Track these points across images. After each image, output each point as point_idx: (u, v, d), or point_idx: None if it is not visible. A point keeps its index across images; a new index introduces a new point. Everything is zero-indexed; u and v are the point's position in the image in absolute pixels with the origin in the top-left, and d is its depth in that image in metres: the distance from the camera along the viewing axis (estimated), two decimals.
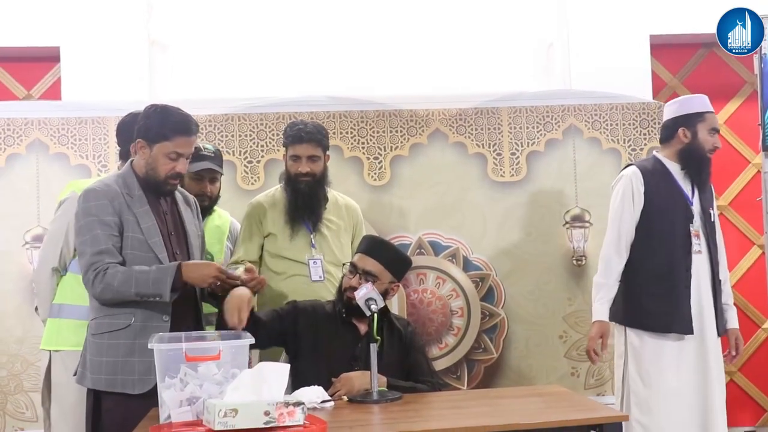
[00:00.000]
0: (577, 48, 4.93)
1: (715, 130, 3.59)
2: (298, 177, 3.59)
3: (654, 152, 3.74)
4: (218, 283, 2.92)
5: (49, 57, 4.89)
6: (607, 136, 4.46)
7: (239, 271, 3.01)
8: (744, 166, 5.39)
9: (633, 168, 3.63)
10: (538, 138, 4.44)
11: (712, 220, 3.60)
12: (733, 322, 3.65)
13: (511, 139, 4.43)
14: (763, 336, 5.21)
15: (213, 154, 3.58)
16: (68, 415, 3.31)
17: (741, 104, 5.40)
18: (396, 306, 4.24)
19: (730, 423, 5.23)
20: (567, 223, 4.39)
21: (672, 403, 3.45)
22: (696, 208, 3.57)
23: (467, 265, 4.37)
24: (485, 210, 4.40)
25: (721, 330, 3.57)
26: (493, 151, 4.42)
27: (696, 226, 3.55)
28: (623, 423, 3.40)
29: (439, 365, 4.27)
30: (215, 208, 3.67)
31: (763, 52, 4.36)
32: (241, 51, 4.76)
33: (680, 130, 3.59)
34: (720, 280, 3.59)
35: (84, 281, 2.88)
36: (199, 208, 3.26)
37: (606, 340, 3.51)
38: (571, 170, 4.42)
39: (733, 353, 3.66)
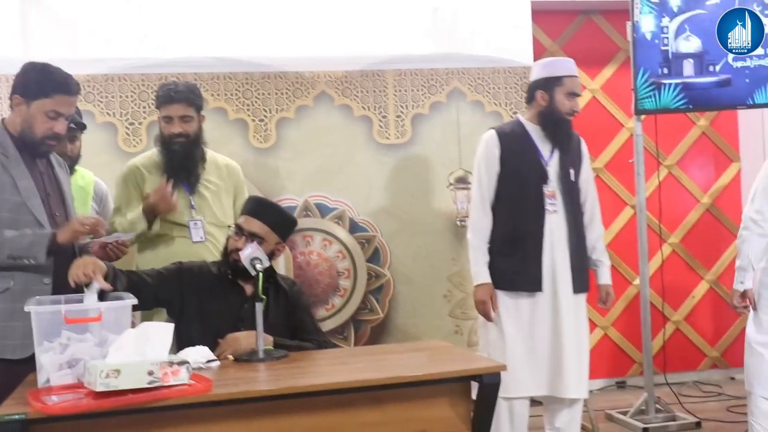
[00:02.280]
0: (462, 12, 4.99)
1: (574, 95, 3.64)
2: (171, 138, 3.53)
3: (518, 114, 3.81)
4: (87, 232, 2.88)
5: None
6: (490, 99, 4.56)
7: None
8: (618, 129, 5.62)
9: (491, 132, 3.70)
10: (422, 101, 4.51)
11: (572, 179, 3.67)
12: (604, 278, 3.79)
13: (396, 101, 4.48)
14: (635, 292, 5.47)
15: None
16: None
17: (616, 70, 5.62)
18: (283, 268, 4.26)
19: (604, 374, 5.54)
20: (451, 184, 4.48)
21: (528, 358, 3.55)
22: (553, 168, 3.63)
23: (353, 227, 4.42)
24: (371, 172, 4.44)
25: (580, 287, 3.63)
26: (379, 114, 4.46)
27: (552, 186, 3.61)
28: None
29: (326, 326, 4.32)
30: (77, 167, 3.56)
31: (635, 20, 4.53)
32: (121, 8, 4.60)
33: (538, 93, 3.65)
34: (579, 239, 3.67)
35: None
36: (68, 170, 3.18)
37: (495, 300, 3.58)
38: (455, 133, 4.51)
39: (602, 304, 3.80)
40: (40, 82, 2.84)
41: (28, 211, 2.82)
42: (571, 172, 3.67)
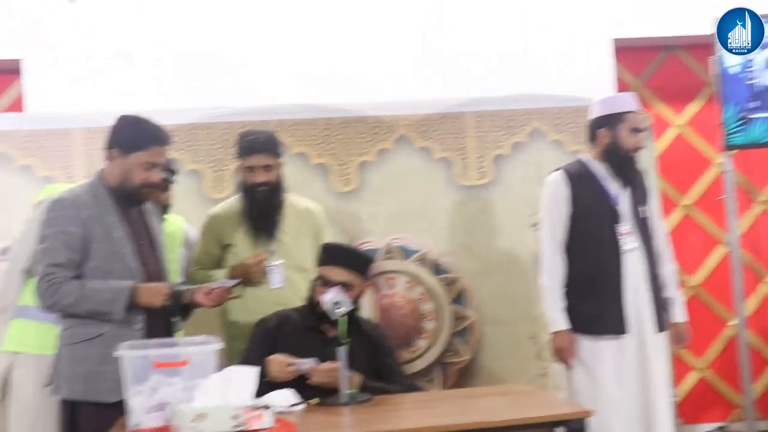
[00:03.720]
0: (541, 51, 4.99)
1: (638, 130, 3.55)
2: (255, 187, 3.60)
3: (580, 154, 3.73)
4: (168, 304, 2.98)
5: (11, 70, 4.86)
6: (571, 138, 4.51)
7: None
8: (707, 165, 5.47)
9: (558, 173, 3.63)
10: (503, 141, 4.49)
11: (642, 216, 3.57)
12: (678, 316, 3.63)
13: (476, 142, 4.48)
14: (731, 333, 5.27)
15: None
16: (25, 416, 3.32)
17: (703, 105, 5.47)
18: (367, 310, 4.25)
19: (701, 419, 5.35)
20: (533, 225, 4.43)
21: (615, 402, 3.42)
22: (624, 207, 3.55)
23: (436, 269, 4.40)
24: (452, 213, 4.43)
25: (661, 325, 3.53)
26: (459, 155, 4.46)
27: (626, 225, 3.52)
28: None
29: (412, 369, 4.29)
30: (165, 215, 3.66)
31: (718, 54, 4.43)
32: (206, 60, 4.76)
33: (601, 131, 3.57)
34: (657, 276, 3.57)
35: (36, 291, 2.90)
36: (161, 218, 3.28)
37: (573, 346, 3.49)
38: (536, 173, 4.45)
39: (677, 344, 3.66)
40: (135, 135, 2.98)
41: (120, 260, 2.93)
42: (642, 209, 3.59)
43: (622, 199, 3.58)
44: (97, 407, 2.82)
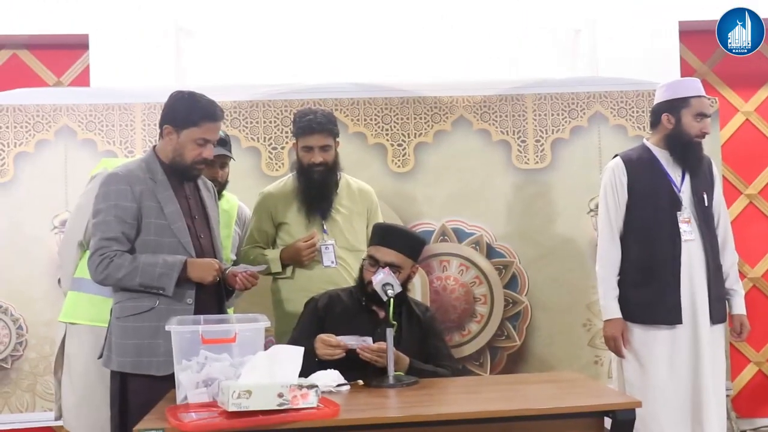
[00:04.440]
0: (605, 34, 4.88)
1: (702, 116, 3.47)
2: (311, 167, 3.60)
3: (644, 139, 3.67)
4: (218, 280, 3.01)
5: (79, 44, 4.96)
6: (633, 123, 4.42)
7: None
8: None
9: (617, 159, 3.57)
10: (563, 125, 4.41)
11: (706, 204, 3.50)
12: (738, 308, 3.57)
13: (535, 126, 4.41)
14: None
15: (223, 140, 3.60)
16: (76, 385, 3.42)
17: None
18: (419, 292, 4.25)
19: (757, 413, 5.23)
20: (591, 210, 4.36)
21: (666, 393, 3.38)
22: (686, 194, 3.48)
23: (491, 253, 4.37)
24: (509, 197, 4.38)
25: (717, 317, 3.47)
26: (518, 138, 4.40)
27: (686, 213, 3.46)
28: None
29: (462, 352, 4.28)
30: (223, 192, 3.70)
31: None
32: (266, 37, 4.78)
33: (664, 116, 3.51)
34: (717, 266, 3.49)
35: (88, 263, 2.95)
36: (216, 194, 3.30)
37: (626, 335, 3.46)
38: (596, 158, 4.39)
39: (736, 336, 3.58)
40: (188, 111, 2.98)
41: (171, 234, 2.96)
42: (705, 196, 3.51)
43: (684, 187, 3.50)
44: (147, 380, 2.87)
